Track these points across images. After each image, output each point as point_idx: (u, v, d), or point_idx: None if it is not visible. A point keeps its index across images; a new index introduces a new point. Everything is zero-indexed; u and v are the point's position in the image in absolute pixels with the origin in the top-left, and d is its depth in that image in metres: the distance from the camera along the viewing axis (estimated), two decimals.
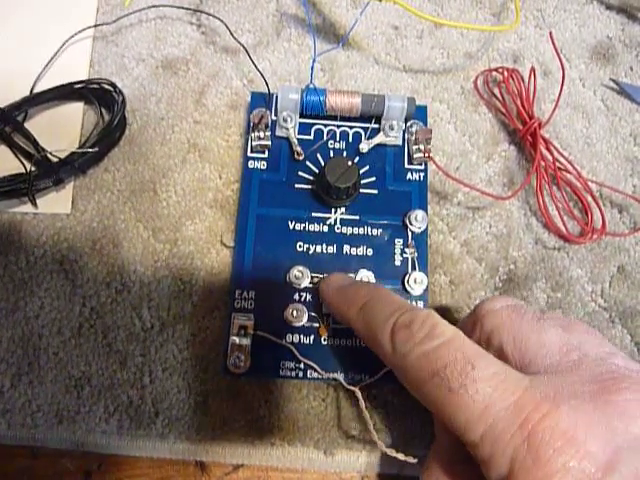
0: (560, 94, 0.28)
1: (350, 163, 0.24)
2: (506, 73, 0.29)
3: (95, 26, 0.29)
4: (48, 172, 0.25)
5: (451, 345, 0.17)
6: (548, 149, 0.27)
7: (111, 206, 0.26)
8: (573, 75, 0.30)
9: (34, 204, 0.26)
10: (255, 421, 0.24)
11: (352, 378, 0.23)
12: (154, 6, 0.29)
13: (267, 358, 0.23)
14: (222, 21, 0.28)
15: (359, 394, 0.22)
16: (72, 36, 0.28)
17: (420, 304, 0.25)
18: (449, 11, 0.31)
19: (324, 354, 0.24)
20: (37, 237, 0.26)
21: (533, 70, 0.28)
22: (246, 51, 0.27)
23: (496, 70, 0.29)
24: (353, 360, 0.24)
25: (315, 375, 0.23)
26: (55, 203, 0.26)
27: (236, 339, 0.23)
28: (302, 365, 0.23)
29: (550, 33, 0.28)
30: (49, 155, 0.25)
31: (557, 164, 0.27)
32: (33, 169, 0.25)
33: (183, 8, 0.29)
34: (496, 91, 0.29)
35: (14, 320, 0.25)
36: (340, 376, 0.23)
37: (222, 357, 0.24)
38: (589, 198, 0.27)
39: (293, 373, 0.23)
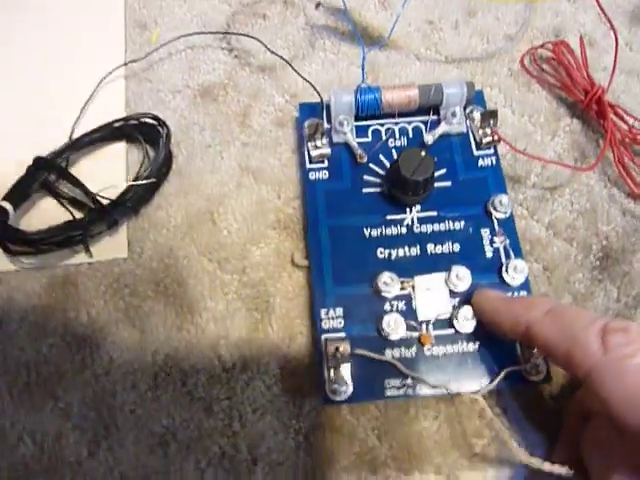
0: (616, 57, 0.26)
1: (423, 153, 0.22)
2: (554, 47, 0.27)
3: (125, 64, 0.28)
4: (101, 215, 0.23)
5: None
6: (617, 114, 0.26)
7: (169, 243, 0.25)
8: (618, 41, 0.29)
9: (88, 252, 0.24)
10: (365, 454, 0.21)
11: (466, 388, 0.21)
12: (182, 36, 0.28)
13: (370, 379, 0.21)
14: (257, 38, 0.27)
15: (483, 402, 0.20)
16: (104, 78, 0.27)
17: (523, 294, 0.22)
18: None
19: (430, 366, 0.21)
20: (95, 287, 0.24)
21: (581, 39, 0.27)
22: (288, 63, 0.26)
23: (542, 47, 0.28)
24: (463, 367, 0.21)
25: (426, 390, 0.21)
26: (110, 248, 0.24)
27: (332, 362, 0.21)
28: (409, 381, 0.21)
29: None
30: (99, 197, 0.24)
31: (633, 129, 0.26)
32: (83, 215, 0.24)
33: (212, 33, 0.28)
34: (546, 67, 0.28)
35: (83, 380, 0.22)
36: (453, 386, 0.21)
37: (317, 386, 0.21)
38: None
39: (401, 391, 0.21)
